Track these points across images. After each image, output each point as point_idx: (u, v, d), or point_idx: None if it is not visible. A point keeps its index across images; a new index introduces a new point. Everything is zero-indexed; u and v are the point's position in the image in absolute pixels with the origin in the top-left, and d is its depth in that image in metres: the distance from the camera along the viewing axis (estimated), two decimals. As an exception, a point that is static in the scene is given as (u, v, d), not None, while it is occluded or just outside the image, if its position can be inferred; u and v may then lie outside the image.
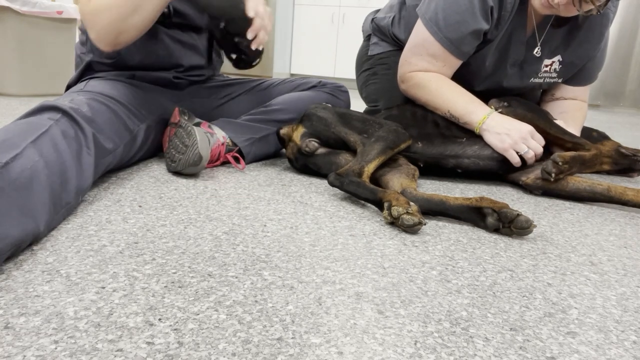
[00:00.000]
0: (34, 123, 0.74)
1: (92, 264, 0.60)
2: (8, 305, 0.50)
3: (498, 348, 0.49)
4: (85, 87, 0.99)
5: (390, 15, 1.41)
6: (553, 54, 1.24)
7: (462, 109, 1.15)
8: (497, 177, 1.19)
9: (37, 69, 2.27)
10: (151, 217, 0.77)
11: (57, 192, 0.69)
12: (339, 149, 1.07)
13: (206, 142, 0.98)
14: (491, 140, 1.12)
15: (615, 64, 4.13)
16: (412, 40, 1.22)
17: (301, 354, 0.45)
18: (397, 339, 0.49)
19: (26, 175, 0.63)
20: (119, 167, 1.03)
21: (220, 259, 0.64)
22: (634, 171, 1.29)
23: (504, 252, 0.74)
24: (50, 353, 0.43)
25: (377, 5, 3.90)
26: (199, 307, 0.52)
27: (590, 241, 0.83)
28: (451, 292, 0.60)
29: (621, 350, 0.50)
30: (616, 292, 0.64)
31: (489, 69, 1.24)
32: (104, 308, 0.50)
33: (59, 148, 0.73)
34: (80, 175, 0.76)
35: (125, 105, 0.99)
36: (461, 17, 1.11)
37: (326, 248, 0.70)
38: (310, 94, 1.31)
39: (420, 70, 1.21)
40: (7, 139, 0.67)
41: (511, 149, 1.09)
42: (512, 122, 1.11)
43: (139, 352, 0.44)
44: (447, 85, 1.19)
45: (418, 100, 1.24)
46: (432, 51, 1.17)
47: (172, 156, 1.02)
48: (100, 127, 0.87)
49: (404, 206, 0.79)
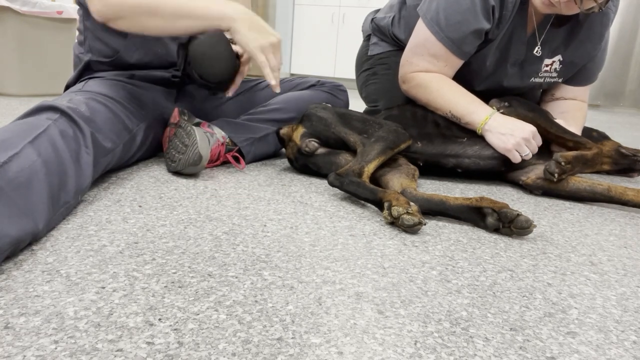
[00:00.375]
0: (32, 123, 0.74)
1: (92, 264, 0.60)
2: (8, 305, 0.50)
3: (498, 348, 0.49)
4: (84, 87, 0.99)
5: (390, 15, 1.41)
6: (553, 54, 1.24)
7: (464, 109, 1.15)
8: (497, 177, 1.19)
9: (37, 69, 2.27)
10: (151, 217, 0.77)
11: (55, 192, 0.69)
12: (339, 149, 1.07)
13: (206, 142, 0.98)
14: (493, 140, 1.11)
15: (615, 64, 4.13)
16: (413, 40, 1.22)
17: (301, 354, 0.45)
18: (397, 339, 0.49)
19: (24, 175, 0.63)
20: (119, 167, 1.03)
21: (220, 259, 0.64)
22: (634, 171, 1.29)
23: (504, 252, 0.74)
24: (50, 353, 0.43)
25: (377, 5, 3.90)
26: (199, 307, 0.52)
27: (590, 241, 0.83)
28: (451, 292, 0.60)
29: (621, 350, 0.50)
30: (616, 292, 0.64)
31: (489, 69, 1.24)
32: (104, 308, 0.50)
33: (58, 147, 0.73)
34: (79, 174, 0.76)
35: (124, 105, 0.99)
36: (462, 16, 1.11)
37: (326, 248, 0.70)
38: (309, 93, 1.31)
39: (422, 70, 1.21)
40: (5, 139, 0.67)
41: (514, 150, 1.09)
42: (514, 122, 1.11)
43: (139, 352, 0.44)
44: (448, 85, 1.19)
45: (419, 101, 1.24)
46: (434, 51, 1.17)
47: (172, 156, 1.02)
48: (98, 126, 0.87)
49: (404, 206, 0.79)
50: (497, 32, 1.16)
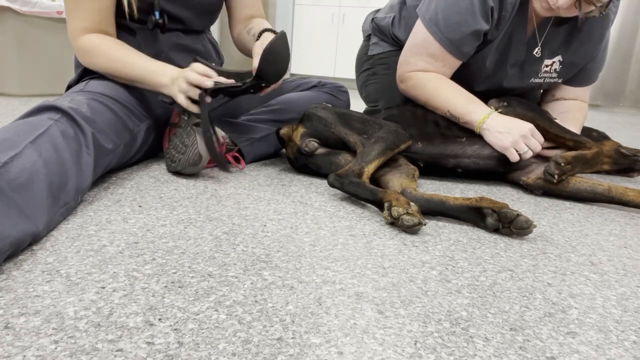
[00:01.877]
0: (33, 123, 0.74)
1: (92, 264, 0.60)
2: (8, 305, 0.50)
3: (498, 348, 0.49)
4: (85, 87, 0.99)
5: (391, 15, 1.41)
6: (554, 54, 1.24)
7: (462, 109, 1.15)
8: (497, 177, 1.19)
9: (37, 69, 2.27)
10: (151, 217, 0.77)
11: (56, 192, 0.69)
12: (339, 149, 1.07)
13: None
14: (491, 139, 1.11)
15: (615, 64, 4.13)
16: (411, 40, 1.22)
17: (301, 354, 0.45)
18: (397, 339, 0.49)
19: (25, 175, 0.63)
20: (119, 167, 1.03)
21: (220, 259, 0.64)
22: (634, 171, 1.29)
23: (504, 252, 0.74)
24: (50, 353, 0.43)
25: (377, 5, 3.89)
26: (199, 307, 0.52)
27: (590, 241, 0.83)
28: (451, 292, 0.60)
29: (621, 350, 0.50)
30: (616, 292, 0.64)
31: (489, 70, 1.24)
32: (104, 308, 0.50)
33: (58, 148, 0.73)
34: (79, 175, 0.76)
35: (126, 105, 0.99)
36: (461, 17, 1.11)
37: (326, 248, 0.70)
38: (310, 94, 1.31)
39: (420, 70, 1.21)
40: (6, 139, 0.67)
41: (512, 147, 1.09)
42: (512, 120, 1.11)
43: (139, 352, 0.44)
44: (447, 85, 1.19)
45: (417, 100, 1.24)
46: (432, 51, 1.17)
47: (172, 156, 1.02)
48: (100, 127, 0.87)
49: (404, 206, 0.79)
50: (496, 33, 1.16)
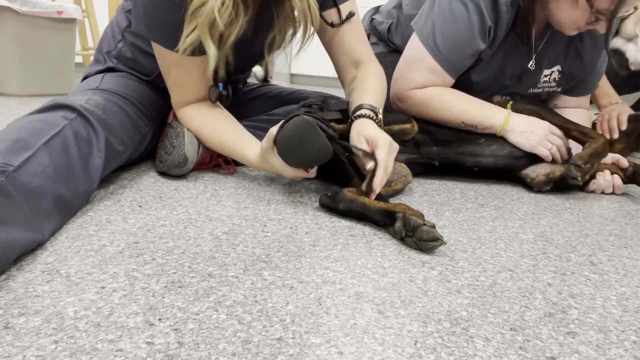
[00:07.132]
0: (48, 121, 0.74)
1: (92, 264, 0.60)
2: (8, 305, 0.50)
3: (498, 348, 0.49)
4: (101, 83, 0.98)
5: (388, 22, 1.40)
6: (553, 64, 1.23)
7: (479, 117, 1.13)
8: (508, 175, 1.20)
9: (37, 69, 2.26)
10: (151, 217, 0.77)
11: (63, 199, 0.69)
12: None
13: (195, 143, 0.98)
14: (517, 139, 1.12)
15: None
16: (408, 54, 1.17)
17: (301, 354, 0.45)
18: (397, 339, 0.49)
19: (36, 182, 0.63)
20: (120, 167, 1.03)
21: (220, 259, 0.64)
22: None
23: (504, 252, 0.74)
24: (50, 353, 0.43)
25: (377, 3, 3.89)
26: (199, 307, 0.52)
27: (590, 241, 0.83)
28: (451, 292, 0.60)
29: (621, 350, 0.50)
30: (616, 292, 0.64)
31: (486, 83, 1.22)
32: (104, 308, 0.50)
33: (69, 150, 0.73)
34: (87, 179, 0.76)
35: (138, 106, 0.99)
36: (460, 37, 1.09)
37: (326, 248, 0.70)
38: None
39: (418, 86, 1.16)
40: (20, 138, 0.67)
41: (539, 146, 1.11)
42: (530, 119, 1.13)
43: (139, 352, 0.44)
44: (452, 96, 1.15)
45: (424, 118, 1.17)
46: (432, 67, 1.13)
47: (160, 156, 1.02)
48: (113, 129, 0.87)
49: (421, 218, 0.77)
50: (488, 52, 1.14)
